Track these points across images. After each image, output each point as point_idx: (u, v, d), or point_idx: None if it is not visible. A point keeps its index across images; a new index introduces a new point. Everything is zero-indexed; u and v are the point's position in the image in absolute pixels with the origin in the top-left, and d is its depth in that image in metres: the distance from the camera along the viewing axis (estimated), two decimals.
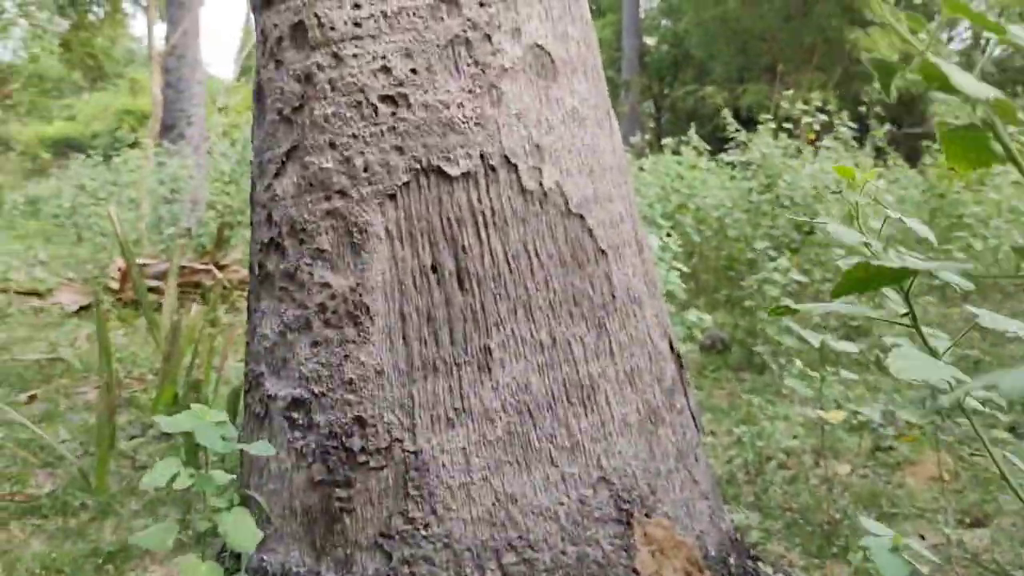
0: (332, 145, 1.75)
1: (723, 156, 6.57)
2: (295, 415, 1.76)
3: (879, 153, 6.99)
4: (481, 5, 1.77)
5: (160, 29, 14.31)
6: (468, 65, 1.75)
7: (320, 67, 1.77)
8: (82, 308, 6.20)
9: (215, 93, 20.08)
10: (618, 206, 1.93)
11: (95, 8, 19.85)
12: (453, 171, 1.72)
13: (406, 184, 1.72)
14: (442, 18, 1.75)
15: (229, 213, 6.88)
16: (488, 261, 1.72)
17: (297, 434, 1.75)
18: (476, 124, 1.73)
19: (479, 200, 1.73)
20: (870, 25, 17.83)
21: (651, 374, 1.87)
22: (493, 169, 1.74)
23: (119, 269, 6.25)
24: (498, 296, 1.71)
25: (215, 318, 5.85)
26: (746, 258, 4.73)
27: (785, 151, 5.02)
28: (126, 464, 2.90)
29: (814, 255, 5.14)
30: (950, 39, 23.66)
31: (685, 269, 3.57)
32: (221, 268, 6.43)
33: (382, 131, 1.72)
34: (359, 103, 1.74)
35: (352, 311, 1.71)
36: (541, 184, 1.77)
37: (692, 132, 8.58)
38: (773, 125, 5.24)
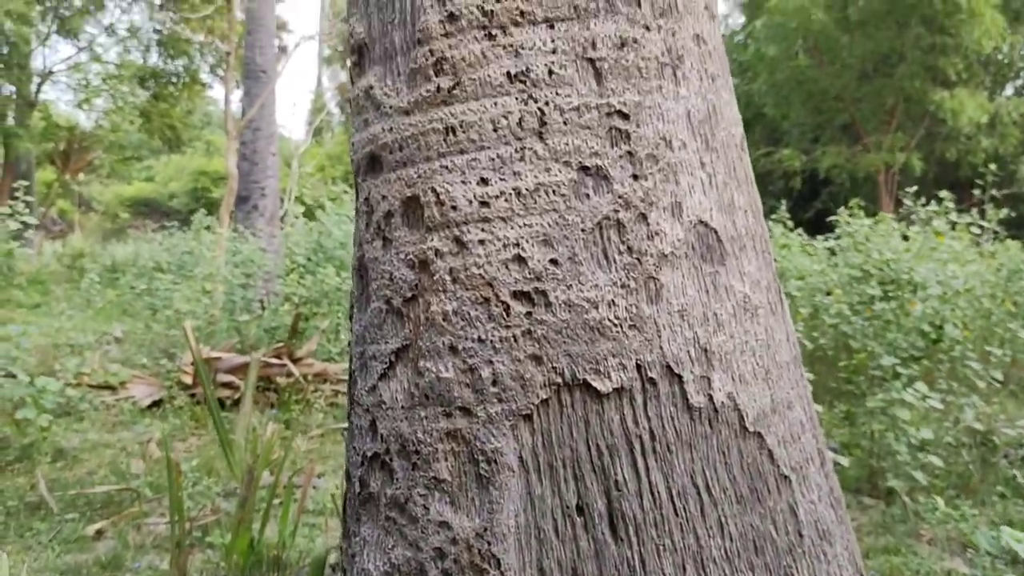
0: (453, 350, 1.43)
1: (825, 241, 6.15)
2: None
3: (995, 236, 6.48)
4: (635, 178, 1.44)
5: (237, 93, 14.46)
6: (620, 253, 1.42)
7: (439, 253, 1.46)
8: (154, 404, 6.03)
9: (288, 156, 20.39)
10: (798, 412, 1.56)
11: (174, 78, 20.39)
12: (603, 386, 1.39)
13: (545, 402, 1.39)
14: (588, 195, 1.43)
15: (304, 303, 6.69)
16: (648, 500, 1.37)
17: None
18: (631, 327, 1.40)
19: (635, 422, 1.39)
20: (955, 86, 17.23)
21: None
22: (652, 382, 1.40)
23: (192, 363, 6.07)
24: (662, 547, 1.36)
25: (290, 418, 5.61)
26: (868, 372, 4.28)
27: (908, 250, 4.58)
28: None
29: (937, 363, 4.66)
30: None
31: (819, 409, 3.16)
32: (295, 361, 6.21)
33: (515, 336, 1.40)
34: (486, 300, 1.42)
35: (478, 563, 1.37)
36: (711, 398, 1.42)
37: (783, 208, 8.18)
38: (895, 224, 4.81)
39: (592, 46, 1.46)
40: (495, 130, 1.45)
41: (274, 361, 6.03)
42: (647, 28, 1.50)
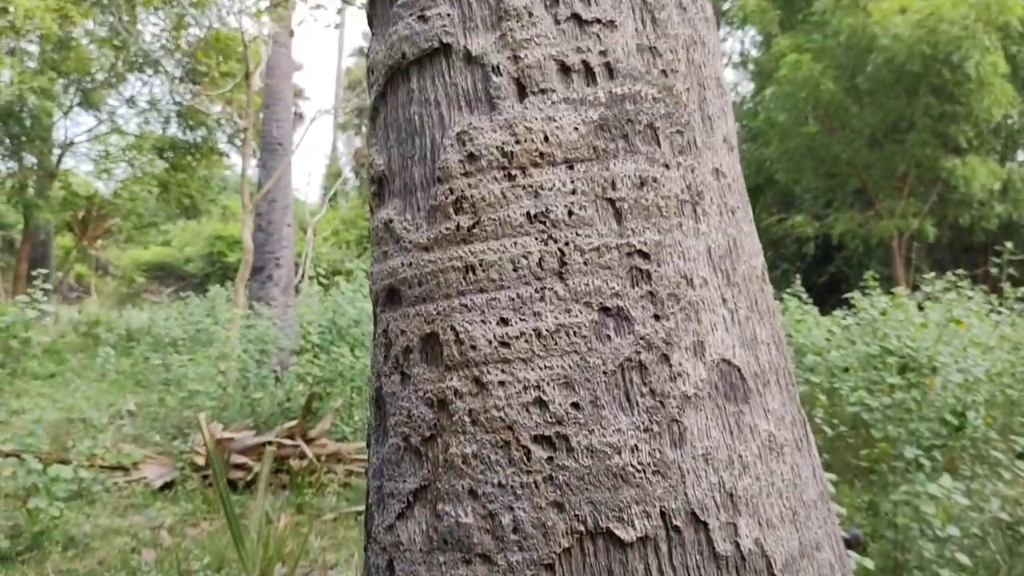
0: (473, 494, 1.41)
1: (843, 319, 6.10)
2: None
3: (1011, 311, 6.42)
4: (657, 319, 1.43)
5: (252, 161, 14.62)
6: (643, 396, 1.40)
7: (458, 394, 1.44)
8: (166, 485, 5.98)
9: (303, 220, 20.58)
10: (827, 553, 1.52)
11: (192, 149, 20.72)
12: (627, 535, 1.35)
13: (567, 551, 1.36)
14: (609, 336, 1.42)
15: (317, 383, 6.67)
16: None
17: None
18: (655, 473, 1.37)
19: (660, 571, 1.35)
20: (966, 153, 17.31)
21: None
22: (677, 530, 1.37)
23: (205, 444, 6.04)
24: None
25: (303, 502, 5.54)
26: (891, 462, 4.20)
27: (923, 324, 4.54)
28: None
29: (961, 449, 4.58)
30: None
31: (841, 511, 3.10)
32: (309, 441, 6.17)
33: (536, 482, 1.38)
34: (507, 443, 1.40)
35: None
36: (738, 545, 1.39)
37: (798, 281, 8.14)
38: (909, 297, 4.78)
39: (612, 186, 1.47)
40: (515, 270, 1.45)
41: (287, 442, 5.99)
42: (666, 166, 1.51)
